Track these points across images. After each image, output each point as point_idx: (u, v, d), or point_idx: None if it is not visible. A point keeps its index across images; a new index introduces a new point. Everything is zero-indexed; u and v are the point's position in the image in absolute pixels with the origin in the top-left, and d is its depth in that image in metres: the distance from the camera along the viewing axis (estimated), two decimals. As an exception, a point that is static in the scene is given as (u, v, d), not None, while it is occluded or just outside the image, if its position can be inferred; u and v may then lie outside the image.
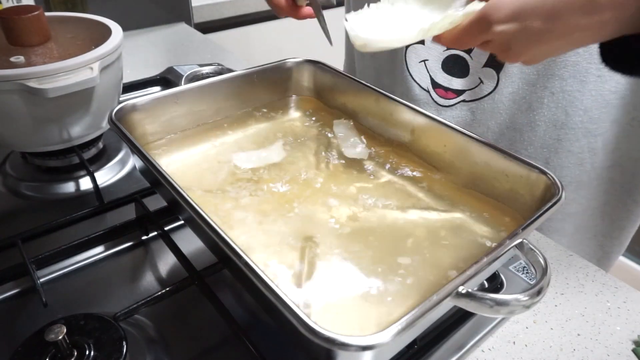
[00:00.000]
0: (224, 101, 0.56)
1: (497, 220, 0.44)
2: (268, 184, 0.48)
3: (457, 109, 0.65)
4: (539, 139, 0.61)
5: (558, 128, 0.59)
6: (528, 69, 0.58)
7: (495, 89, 0.61)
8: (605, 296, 0.49)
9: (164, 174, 0.39)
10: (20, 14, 0.55)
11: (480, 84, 0.61)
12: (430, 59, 0.65)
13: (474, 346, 0.43)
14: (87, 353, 0.37)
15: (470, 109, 0.64)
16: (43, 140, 0.59)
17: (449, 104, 0.65)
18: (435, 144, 0.49)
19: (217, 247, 0.35)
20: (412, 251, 0.40)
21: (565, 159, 0.61)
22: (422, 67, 0.66)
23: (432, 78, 0.65)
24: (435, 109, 0.66)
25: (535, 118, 0.60)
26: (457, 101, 0.64)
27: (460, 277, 0.31)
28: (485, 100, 0.62)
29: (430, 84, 0.65)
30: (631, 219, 0.66)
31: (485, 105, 0.62)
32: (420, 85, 0.66)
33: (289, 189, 0.47)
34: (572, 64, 0.55)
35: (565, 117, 0.58)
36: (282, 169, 0.50)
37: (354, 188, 0.48)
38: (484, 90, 0.62)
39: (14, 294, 0.47)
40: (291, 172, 0.50)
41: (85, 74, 0.53)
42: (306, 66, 0.61)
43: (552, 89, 0.57)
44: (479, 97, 0.62)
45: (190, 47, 1.11)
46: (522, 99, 0.60)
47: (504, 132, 0.63)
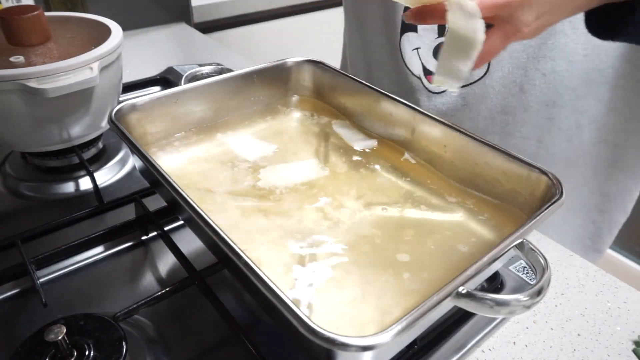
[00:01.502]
0: (224, 101, 0.56)
1: (497, 220, 0.44)
2: (268, 184, 0.48)
3: (447, 95, 0.67)
4: (532, 119, 0.63)
5: (550, 107, 0.61)
6: (517, 53, 0.59)
7: (486, 73, 0.62)
8: (605, 296, 0.49)
9: (164, 174, 0.39)
10: (20, 14, 0.55)
11: None
12: (422, 47, 0.66)
13: (474, 346, 0.43)
14: (87, 353, 0.37)
15: (461, 94, 0.65)
16: (43, 140, 0.59)
17: (438, 91, 0.67)
18: (435, 144, 0.49)
19: (217, 247, 0.35)
20: (412, 251, 0.40)
21: (556, 136, 0.63)
22: (414, 54, 0.68)
23: (423, 65, 0.67)
24: (427, 95, 0.68)
25: (528, 100, 0.62)
26: None
27: (460, 277, 0.31)
28: (476, 85, 0.63)
29: (422, 71, 0.67)
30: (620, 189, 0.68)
31: (476, 90, 0.64)
32: (412, 73, 0.68)
33: (289, 189, 0.47)
34: (562, 45, 0.57)
35: (556, 96, 0.60)
36: (282, 169, 0.50)
37: (354, 187, 0.48)
38: (474, 76, 0.63)
39: (14, 294, 0.47)
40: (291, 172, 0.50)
41: (85, 74, 0.53)
42: (306, 66, 0.61)
43: (544, 70, 0.59)
44: (469, 83, 0.64)
45: (190, 47, 1.11)
46: (512, 82, 0.61)
47: (494, 117, 0.64)
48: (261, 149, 0.53)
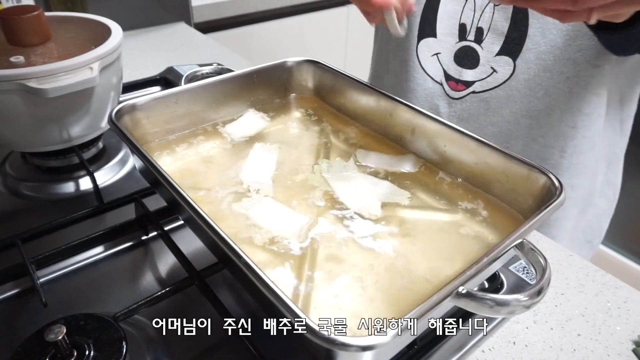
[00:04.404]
0: (224, 101, 0.56)
1: (497, 220, 0.44)
2: (268, 184, 0.48)
3: (467, 100, 0.66)
4: (555, 125, 0.62)
5: (574, 114, 0.60)
6: (544, 55, 0.58)
7: (512, 76, 0.61)
8: (605, 296, 0.49)
9: (164, 174, 0.39)
10: (20, 14, 0.55)
11: (494, 73, 0.62)
12: (442, 52, 0.66)
13: (474, 346, 0.43)
14: (87, 353, 0.37)
15: (484, 99, 0.64)
16: (43, 140, 0.59)
17: (459, 96, 0.66)
18: (435, 143, 0.49)
19: (217, 247, 0.35)
20: (412, 251, 0.40)
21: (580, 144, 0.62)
22: (434, 60, 0.67)
23: (445, 71, 0.66)
24: (447, 101, 0.67)
25: (552, 103, 0.61)
26: (466, 93, 0.65)
27: (460, 277, 0.31)
28: (501, 88, 0.63)
29: (444, 77, 0.67)
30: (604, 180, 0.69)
31: (500, 93, 0.63)
32: (433, 79, 0.67)
33: (289, 189, 0.47)
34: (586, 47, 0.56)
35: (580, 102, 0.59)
36: (283, 170, 0.50)
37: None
38: (498, 79, 0.62)
39: (14, 294, 0.47)
40: (291, 172, 0.50)
41: (85, 74, 0.53)
42: (306, 66, 0.61)
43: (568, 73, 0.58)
44: (493, 87, 0.63)
45: (190, 47, 1.11)
46: (538, 85, 0.60)
47: (519, 121, 0.63)
48: (261, 149, 0.53)
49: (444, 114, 0.68)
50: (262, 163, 0.50)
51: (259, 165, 0.50)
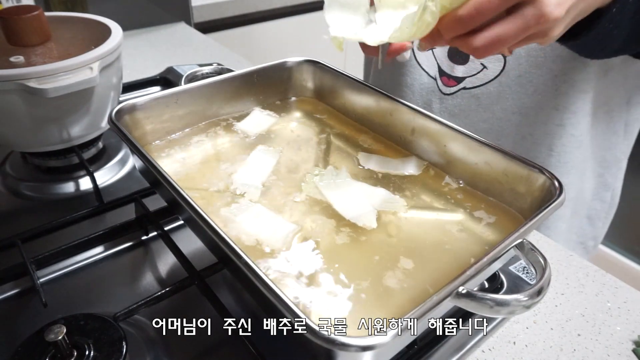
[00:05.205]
0: (224, 101, 0.56)
1: (497, 220, 0.44)
2: (268, 184, 0.48)
3: (459, 96, 0.66)
4: (543, 121, 0.62)
5: (561, 112, 0.60)
6: (535, 52, 0.59)
7: (502, 72, 0.61)
8: (605, 296, 0.49)
9: (164, 174, 0.39)
10: (20, 14, 0.55)
11: (484, 69, 0.62)
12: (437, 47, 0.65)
13: (474, 346, 0.43)
14: (87, 353, 0.37)
15: (474, 95, 0.64)
16: (43, 140, 0.59)
17: (450, 92, 0.66)
18: (435, 144, 0.49)
19: (217, 247, 0.35)
20: (411, 251, 0.40)
21: (568, 143, 0.62)
22: (429, 55, 0.67)
23: (439, 66, 0.67)
24: (439, 97, 0.67)
25: (541, 100, 0.61)
26: (457, 89, 0.65)
27: (460, 277, 0.31)
28: (492, 84, 0.63)
29: (438, 72, 0.67)
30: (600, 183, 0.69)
31: (491, 90, 0.63)
32: (428, 74, 0.68)
33: (289, 189, 0.47)
34: None
35: (567, 100, 0.60)
36: (282, 170, 0.50)
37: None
38: (488, 75, 0.63)
39: (14, 294, 0.47)
40: (291, 172, 0.50)
41: (85, 74, 0.53)
42: (306, 66, 0.61)
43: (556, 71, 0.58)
44: (483, 83, 0.63)
45: (190, 47, 1.11)
46: (528, 82, 0.60)
47: (509, 118, 0.63)
48: (261, 149, 0.53)
49: (436, 109, 0.68)
50: (258, 166, 0.50)
51: (255, 168, 0.49)
